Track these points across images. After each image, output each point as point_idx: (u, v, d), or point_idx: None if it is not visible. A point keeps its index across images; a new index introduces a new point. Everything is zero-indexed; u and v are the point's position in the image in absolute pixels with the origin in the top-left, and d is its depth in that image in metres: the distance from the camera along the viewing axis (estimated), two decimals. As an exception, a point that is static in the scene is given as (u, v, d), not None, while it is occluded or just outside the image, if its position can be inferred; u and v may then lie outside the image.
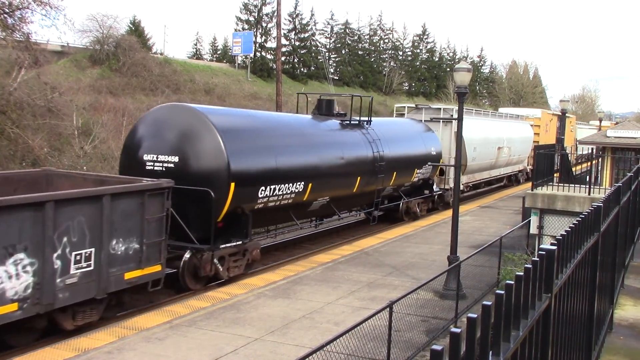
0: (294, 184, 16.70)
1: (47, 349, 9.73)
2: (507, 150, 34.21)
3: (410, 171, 23.80)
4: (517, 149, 36.32)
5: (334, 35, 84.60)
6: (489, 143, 31.04)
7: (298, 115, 21.08)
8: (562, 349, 4.62)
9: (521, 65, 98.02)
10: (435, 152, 25.38)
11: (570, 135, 50.90)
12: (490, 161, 32.14)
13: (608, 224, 7.02)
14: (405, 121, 26.77)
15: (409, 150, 23.70)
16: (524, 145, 38.27)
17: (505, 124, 35.87)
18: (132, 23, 59.44)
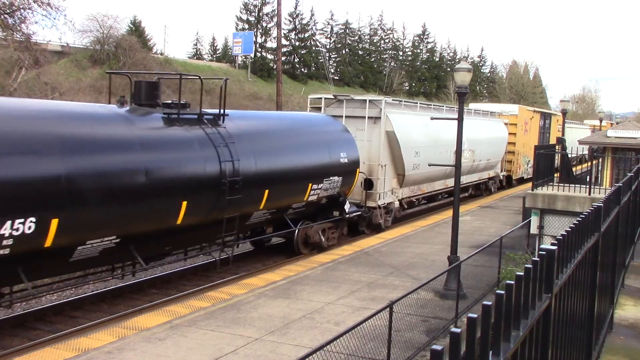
0: (16, 220, 9.92)
1: (47, 349, 9.73)
2: (469, 154, 28.07)
3: (300, 187, 17.25)
4: (485, 152, 29.95)
5: (334, 35, 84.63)
6: (442, 146, 24.65)
7: (87, 107, 13.55)
8: (562, 349, 4.62)
9: (521, 65, 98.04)
10: (348, 159, 19.23)
11: (558, 135, 48.24)
12: (443, 169, 25.31)
13: (608, 224, 7.02)
14: (303, 117, 20.63)
15: (297, 157, 17.31)
16: (496, 148, 32.17)
17: (467, 122, 31.06)
18: (133, 23, 59.50)
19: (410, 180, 23.27)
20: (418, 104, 25.43)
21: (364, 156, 20.96)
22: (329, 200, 18.88)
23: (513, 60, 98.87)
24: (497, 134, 32.42)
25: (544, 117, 42.26)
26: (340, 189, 19.09)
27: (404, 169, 22.29)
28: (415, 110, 24.63)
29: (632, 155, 24.86)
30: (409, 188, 23.58)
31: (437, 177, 25.82)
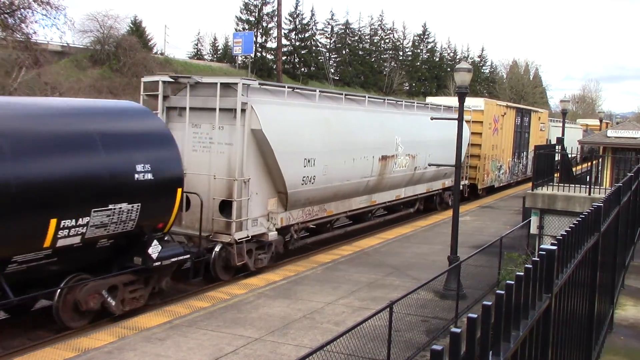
0: None
1: (47, 349, 9.73)
2: (406, 161, 21.80)
3: (26, 226, 10.11)
4: (435, 156, 22.63)
5: (334, 35, 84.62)
6: (358, 150, 18.63)
7: None
8: (563, 349, 4.62)
9: (522, 65, 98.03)
10: (157, 174, 12.19)
11: (541, 135, 41.74)
12: (360, 181, 19.14)
13: (608, 224, 7.02)
14: (63, 106, 12.02)
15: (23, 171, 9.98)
16: (451, 153, 22.78)
17: (405, 120, 22.47)
18: (133, 23, 59.47)
19: (301, 200, 16.56)
20: (317, 93, 17.96)
21: (221, 168, 14.79)
22: (118, 241, 11.76)
23: (513, 60, 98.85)
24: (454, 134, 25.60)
25: (521, 114, 36.92)
26: (141, 221, 11.92)
27: (285, 185, 15.59)
28: (307, 100, 17.26)
29: (632, 155, 24.86)
30: (301, 210, 16.80)
31: (354, 192, 19.13)
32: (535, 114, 40.33)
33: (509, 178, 35.54)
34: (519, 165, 37.44)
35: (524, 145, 37.62)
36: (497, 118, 31.78)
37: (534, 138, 39.08)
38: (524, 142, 37.70)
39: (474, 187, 30.56)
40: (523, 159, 37.88)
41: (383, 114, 21.25)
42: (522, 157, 37.58)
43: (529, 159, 36.75)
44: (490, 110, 31.05)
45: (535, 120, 40.02)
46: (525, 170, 38.14)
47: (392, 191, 22.14)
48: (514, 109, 35.95)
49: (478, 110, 30.07)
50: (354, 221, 21.35)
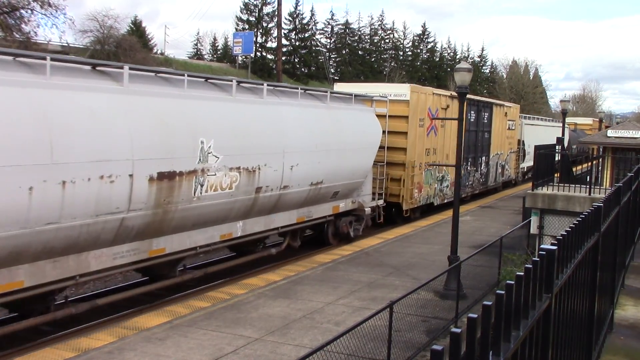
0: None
1: (47, 349, 9.73)
2: (231, 179, 13.69)
3: None
4: (317, 167, 16.69)
5: (334, 35, 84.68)
6: (74, 167, 9.91)
7: None
8: (563, 349, 4.62)
9: (522, 65, 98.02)
10: None
11: (509, 135, 34.93)
12: (89, 223, 10.42)
13: (608, 224, 7.02)
14: None
15: None
16: (351, 159, 18.21)
17: (238, 110, 14.11)
18: (133, 23, 59.49)
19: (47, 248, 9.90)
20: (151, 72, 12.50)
21: None
22: None
23: (513, 60, 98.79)
24: (355, 134, 18.13)
25: (477, 108, 28.90)
26: None
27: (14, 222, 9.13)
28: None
29: (632, 155, 24.86)
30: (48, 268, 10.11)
31: (181, 226, 12.68)
32: (499, 108, 32.42)
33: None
34: (475, 174, 29.73)
35: (482, 149, 30.17)
36: (432, 113, 23.82)
37: (498, 139, 32.01)
38: (483, 144, 30.16)
39: (397, 208, 22.57)
40: (481, 166, 30.47)
41: (180, 100, 12.42)
42: (480, 163, 30.16)
43: (490, 166, 31.69)
44: (420, 102, 22.77)
45: (500, 116, 32.12)
46: (486, 180, 31.36)
47: (204, 230, 13.50)
48: (454, 97, 25.83)
49: (401, 100, 21.97)
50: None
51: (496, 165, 32.93)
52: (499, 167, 33.68)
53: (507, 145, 34.60)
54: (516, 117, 36.42)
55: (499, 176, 33.72)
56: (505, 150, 34.42)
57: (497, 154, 32.62)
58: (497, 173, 33.35)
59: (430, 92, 24.32)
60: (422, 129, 23.25)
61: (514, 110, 36.21)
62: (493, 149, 31.90)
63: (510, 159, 36.11)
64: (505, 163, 34.71)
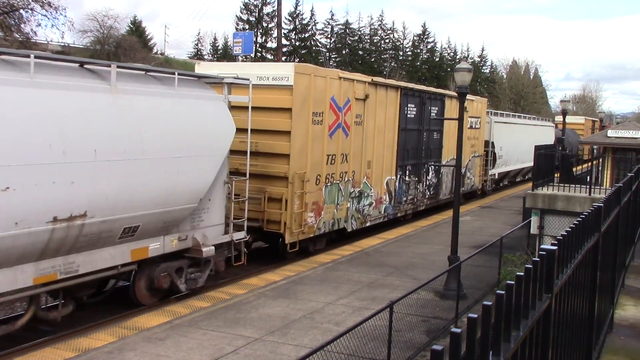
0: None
1: (47, 349, 9.73)
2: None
3: None
4: (89, 187, 10.20)
5: (334, 35, 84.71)
6: None
7: None
8: (563, 349, 4.62)
9: (522, 65, 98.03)
10: None
11: (472, 136, 28.52)
12: None
13: (608, 225, 7.02)
14: None
15: None
16: (174, 173, 11.97)
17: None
18: (133, 23, 59.51)
19: None
20: None
21: None
22: None
23: (513, 60, 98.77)
24: (171, 134, 11.97)
25: (420, 101, 22.62)
26: None
27: None
28: None
29: (632, 155, 24.86)
30: None
31: None
32: (451, 100, 24.88)
33: (389, 210, 21.23)
34: (418, 186, 23.31)
35: (429, 153, 23.95)
36: (344, 104, 17.67)
37: (452, 141, 23.63)
38: (430, 147, 24.02)
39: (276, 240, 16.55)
40: (428, 175, 24.18)
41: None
42: (426, 171, 23.95)
43: (444, 174, 25.47)
44: (314, 89, 16.31)
45: (452, 107, 25.07)
46: (437, 193, 25.16)
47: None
48: (395, 88, 20.86)
49: (280, 86, 15.94)
50: None
51: (453, 173, 25.50)
52: None
53: (467, 149, 27.30)
54: (482, 113, 29.74)
55: None
56: (466, 154, 27.00)
57: (452, 159, 24.48)
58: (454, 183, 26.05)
59: (336, 76, 17.35)
60: (320, 127, 16.57)
61: (479, 105, 29.48)
62: (447, 152, 25.25)
63: (474, 165, 29.39)
64: (467, 170, 28.21)
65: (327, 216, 17.49)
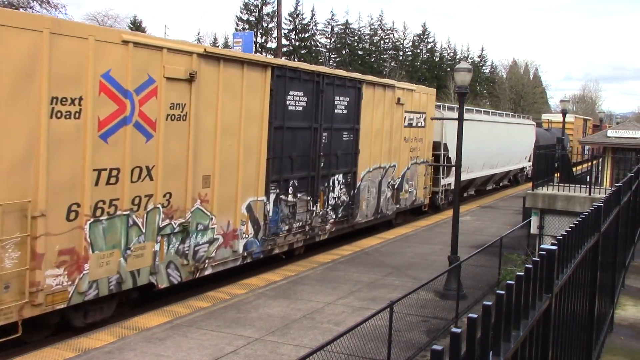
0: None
1: (47, 349, 9.73)
2: None
3: None
4: None
5: (334, 36, 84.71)
6: None
7: None
8: (563, 349, 4.62)
9: (522, 65, 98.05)
10: None
11: (410, 135, 22.38)
12: None
13: (608, 224, 7.02)
14: None
15: None
16: None
17: None
18: (133, 23, 59.50)
19: None
20: None
21: None
22: None
23: (513, 60, 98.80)
24: None
25: (316, 87, 16.41)
26: None
27: None
28: None
29: (632, 155, 24.86)
30: None
31: None
32: (379, 90, 19.53)
33: (255, 246, 14.78)
34: (315, 208, 16.91)
35: (336, 160, 17.69)
36: (139, 86, 11.43)
37: (379, 143, 19.72)
38: (338, 152, 17.69)
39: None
40: (332, 191, 17.64)
41: None
42: (327, 188, 17.37)
43: (362, 189, 19.07)
44: (48, 53, 9.75)
45: (383, 104, 19.77)
46: (349, 215, 18.55)
47: None
48: (261, 66, 14.53)
49: None
50: None
51: (378, 186, 20.08)
52: (387, 190, 20.83)
53: (405, 153, 21.79)
54: (427, 107, 23.75)
55: (386, 204, 20.76)
56: (402, 160, 21.67)
57: (379, 168, 20.02)
58: (380, 200, 20.27)
59: (115, 38, 10.93)
60: (76, 122, 10.34)
61: (422, 97, 23.15)
62: (368, 159, 19.15)
63: (415, 174, 22.90)
64: (404, 181, 22.14)
65: (100, 270, 10.85)
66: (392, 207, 21.45)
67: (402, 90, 21.59)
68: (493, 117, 32.76)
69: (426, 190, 24.43)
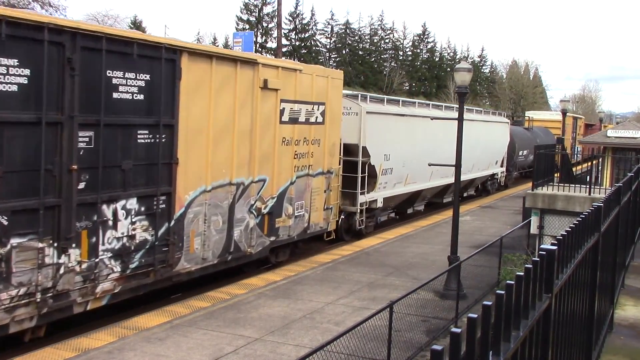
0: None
1: (47, 349, 9.73)
2: None
3: None
4: None
5: (334, 35, 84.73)
6: None
7: None
8: (563, 349, 4.62)
9: (522, 65, 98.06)
10: None
11: (304, 135, 16.12)
12: None
13: (608, 224, 7.02)
14: None
15: None
16: None
17: None
18: (133, 23, 59.51)
19: None
20: None
21: None
22: None
23: (513, 60, 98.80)
24: None
25: (56, 51, 9.73)
26: None
27: None
28: None
29: (632, 155, 24.86)
30: None
31: None
32: (215, 64, 12.89)
33: None
34: (66, 259, 10.16)
35: (123, 176, 11.20)
36: None
37: (229, 148, 13.53)
38: (122, 161, 11.16)
39: None
40: (113, 228, 11.02)
41: None
42: (105, 221, 10.88)
43: (187, 221, 12.50)
44: None
45: (232, 85, 13.51)
46: (156, 262, 11.80)
47: None
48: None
49: None
50: None
51: (228, 213, 13.65)
52: (249, 216, 14.31)
53: (285, 161, 15.46)
54: (330, 96, 17.14)
55: (246, 237, 14.24)
56: (280, 171, 15.27)
57: (228, 186, 13.58)
58: (233, 232, 13.83)
59: None
60: None
61: (317, 82, 16.52)
62: (198, 173, 12.85)
63: (308, 191, 16.51)
64: (285, 202, 15.56)
65: None
66: (260, 240, 14.73)
67: (275, 70, 14.93)
68: (447, 113, 25.66)
69: (329, 212, 17.62)
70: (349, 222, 19.51)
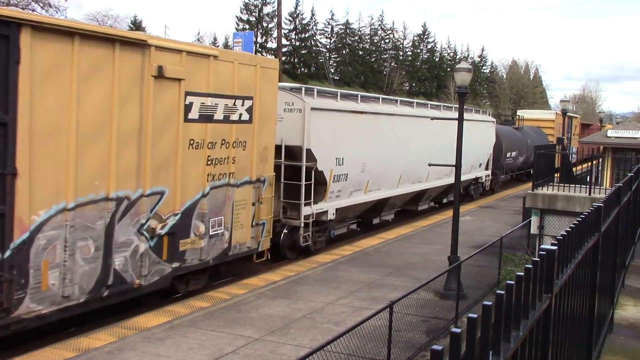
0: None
1: (47, 349, 9.73)
2: None
3: None
4: None
5: (334, 36, 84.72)
6: None
7: None
8: (563, 349, 4.62)
9: (522, 65, 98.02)
10: None
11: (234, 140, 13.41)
12: None
13: (609, 224, 7.02)
14: None
15: None
16: None
17: None
18: (133, 23, 59.52)
19: None
20: None
21: None
22: None
23: (513, 60, 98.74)
24: None
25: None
26: None
27: None
28: None
29: (632, 155, 24.86)
30: None
31: None
32: (96, 47, 10.16)
33: None
34: None
35: None
36: None
37: (85, 149, 10.05)
38: None
39: None
40: None
41: None
42: None
43: (34, 249, 9.34)
44: None
45: (108, 73, 10.41)
46: None
47: None
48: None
49: None
50: None
51: (105, 237, 10.65)
52: (139, 239, 11.36)
53: (194, 169, 12.53)
54: (259, 88, 14.26)
55: (134, 266, 11.30)
56: (185, 181, 12.30)
57: (104, 201, 10.59)
58: (114, 260, 10.84)
59: None
60: None
61: (240, 71, 13.69)
62: (54, 187, 9.72)
63: (228, 205, 13.60)
64: (194, 219, 12.71)
65: None
66: (157, 268, 11.89)
67: (178, 55, 11.98)
68: (418, 110, 22.94)
69: (260, 229, 14.83)
70: (293, 238, 16.75)
